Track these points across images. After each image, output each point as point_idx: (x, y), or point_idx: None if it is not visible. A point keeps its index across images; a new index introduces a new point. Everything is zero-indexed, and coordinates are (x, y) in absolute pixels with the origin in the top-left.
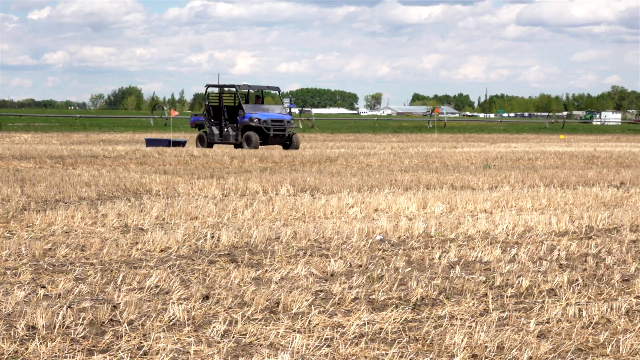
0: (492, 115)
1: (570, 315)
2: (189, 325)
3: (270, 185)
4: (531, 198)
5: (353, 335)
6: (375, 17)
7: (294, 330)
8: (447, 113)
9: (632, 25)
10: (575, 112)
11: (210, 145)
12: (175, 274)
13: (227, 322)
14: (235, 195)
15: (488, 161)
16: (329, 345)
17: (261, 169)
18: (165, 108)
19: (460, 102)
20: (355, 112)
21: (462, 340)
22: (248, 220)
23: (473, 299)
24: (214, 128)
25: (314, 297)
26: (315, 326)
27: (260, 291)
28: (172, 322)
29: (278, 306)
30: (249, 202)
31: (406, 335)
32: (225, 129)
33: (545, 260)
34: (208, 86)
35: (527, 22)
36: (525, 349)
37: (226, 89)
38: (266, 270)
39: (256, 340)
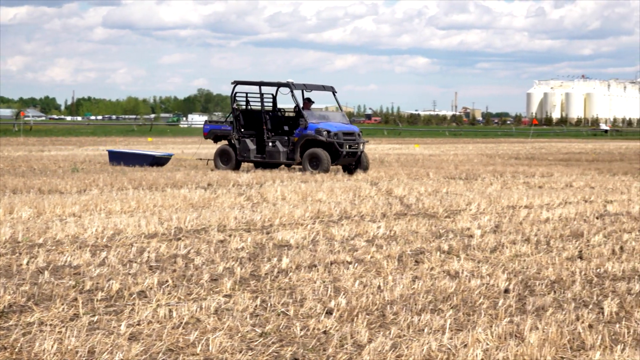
0: (79, 118)
1: (160, 316)
2: None
3: None
4: (120, 201)
5: None
6: None
7: None
8: (33, 116)
9: (218, 29)
10: (162, 115)
11: (238, 165)
12: None
13: None
14: None
15: (76, 164)
16: None
17: None
18: None
19: (47, 105)
20: None
21: (53, 347)
22: None
23: (63, 304)
24: (247, 141)
25: None
26: None
27: None
28: None
29: None
30: None
31: None
32: (271, 144)
33: (136, 262)
34: (237, 83)
35: (114, 24)
36: (117, 352)
37: (269, 87)
38: None
39: None
